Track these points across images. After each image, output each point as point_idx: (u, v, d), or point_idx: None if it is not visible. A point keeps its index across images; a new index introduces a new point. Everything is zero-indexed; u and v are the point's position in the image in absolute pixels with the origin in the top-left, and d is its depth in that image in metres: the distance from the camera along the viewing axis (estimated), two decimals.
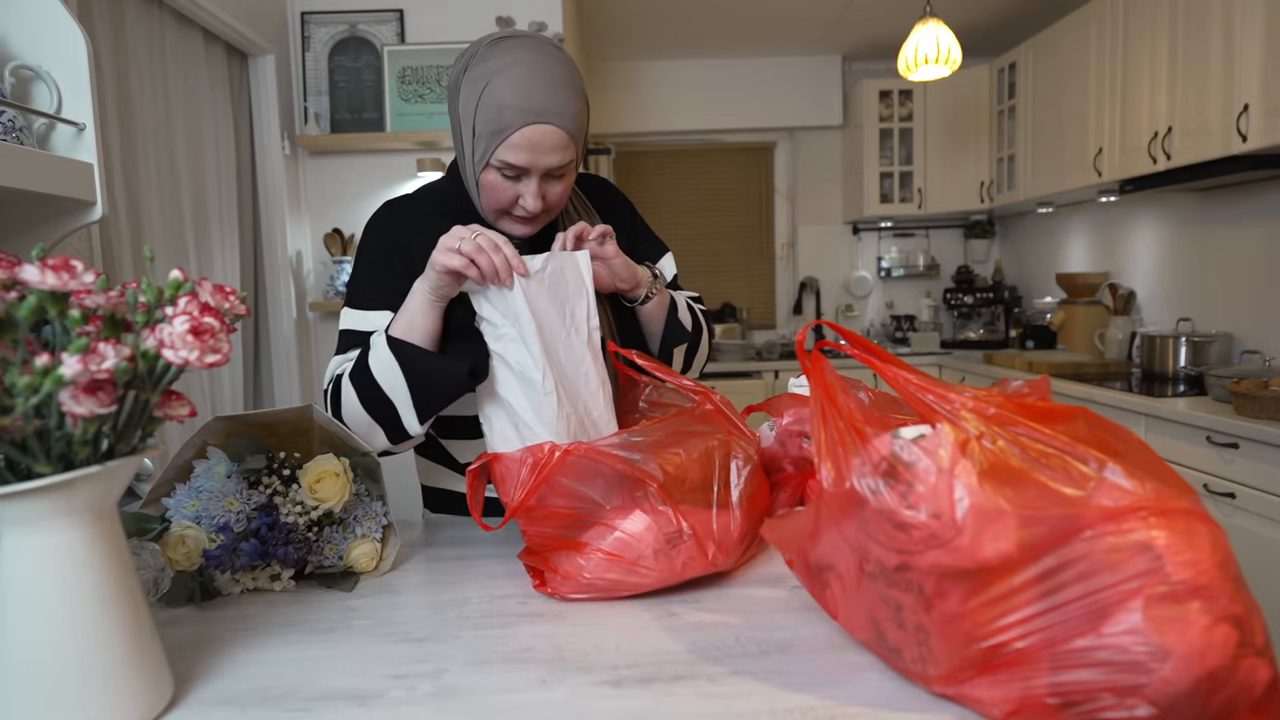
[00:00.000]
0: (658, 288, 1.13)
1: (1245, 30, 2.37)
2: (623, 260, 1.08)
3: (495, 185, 1.03)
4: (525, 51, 1.00)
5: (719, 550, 0.86)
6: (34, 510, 0.57)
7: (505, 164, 1.01)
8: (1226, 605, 0.51)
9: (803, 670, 0.69)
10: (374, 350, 1.00)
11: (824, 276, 4.73)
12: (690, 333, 1.18)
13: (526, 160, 1.00)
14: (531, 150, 0.99)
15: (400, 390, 0.98)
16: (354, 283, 1.13)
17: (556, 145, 1.00)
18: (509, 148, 0.99)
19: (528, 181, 1.03)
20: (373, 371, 0.99)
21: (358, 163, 2.74)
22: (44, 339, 0.59)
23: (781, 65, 4.51)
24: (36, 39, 1.08)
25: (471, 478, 0.92)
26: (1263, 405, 2.17)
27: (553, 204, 1.07)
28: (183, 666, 0.72)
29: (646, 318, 1.15)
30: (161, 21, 2.02)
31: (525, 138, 0.99)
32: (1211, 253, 3.02)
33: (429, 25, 2.71)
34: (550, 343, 0.97)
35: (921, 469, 0.59)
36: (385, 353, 0.99)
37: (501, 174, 1.02)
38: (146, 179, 1.94)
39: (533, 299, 0.96)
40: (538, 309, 0.96)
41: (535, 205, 1.03)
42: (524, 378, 0.95)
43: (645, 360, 1.02)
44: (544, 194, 1.04)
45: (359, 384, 1.00)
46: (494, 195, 1.04)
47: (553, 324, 0.98)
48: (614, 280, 1.09)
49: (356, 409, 1.00)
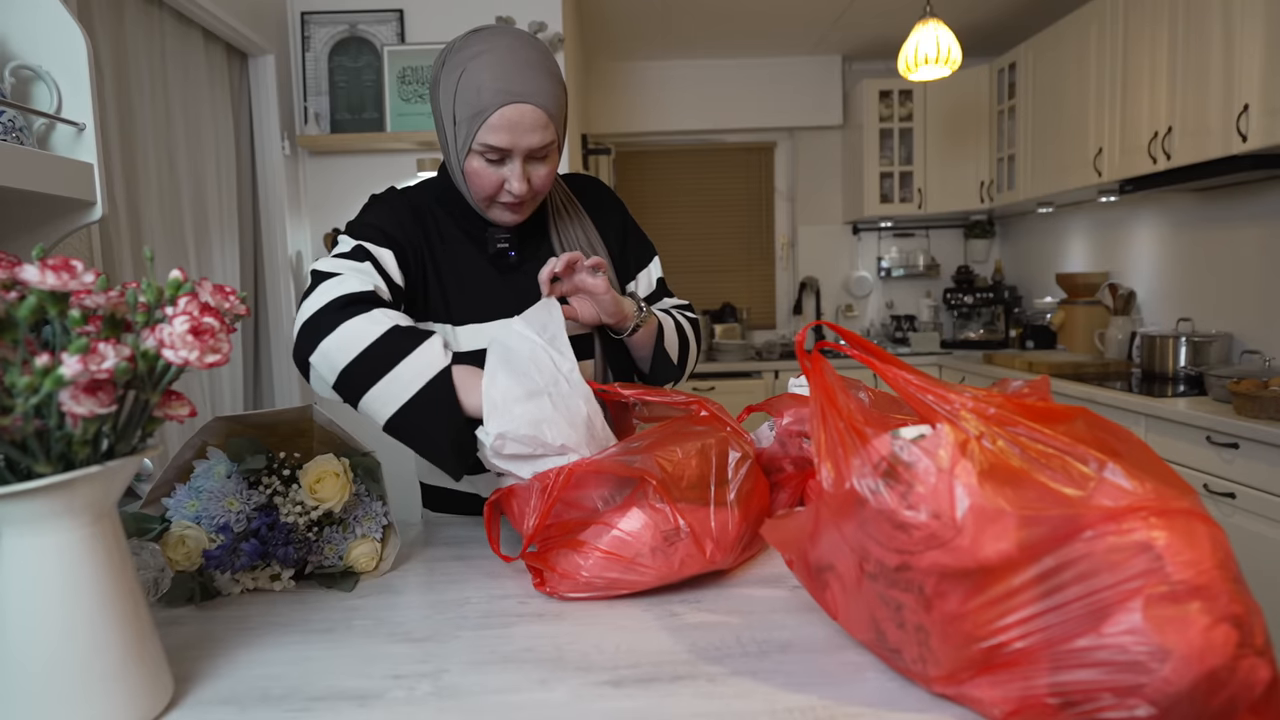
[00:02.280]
0: (643, 319, 1.14)
1: (1245, 30, 2.37)
2: (611, 296, 1.08)
3: (480, 172, 1.05)
4: (499, 38, 1.02)
5: (717, 548, 0.86)
6: (34, 510, 0.57)
7: (487, 147, 1.02)
8: (1226, 605, 0.51)
9: (803, 670, 0.69)
10: (429, 348, 0.95)
11: (824, 276, 4.73)
12: (676, 365, 1.20)
13: (507, 141, 1.01)
14: (511, 130, 1.01)
15: (395, 391, 0.94)
16: (360, 222, 1.09)
17: (536, 124, 1.02)
18: (489, 129, 1.01)
19: (511, 165, 1.04)
20: (409, 354, 0.94)
21: (358, 163, 2.74)
22: (44, 339, 0.59)
23: (781, 65, 4.51)
24: (36, 39, 1.08)
25: (488, 511, 0.93)
26: (1263, 405, 2.17)
27: (538, 187, 1.08)
28: (183, 666, 0.72)
29: (634, 346, 1.16)
30: (161, 21, 2.02)
31: (504, 118, 1.00)
32: (1211, 253, 3.02)
33: (429, 25, 2.71)
34: (536, 408, 0.92)
35: (921, 469, 0.59)
36: (431, 367, 0.94)
37: (485, 159, 1.04)
38: (146, 179, 1.94)
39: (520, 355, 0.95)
40: (503, 389, 0.93)
41: (520, 188, 1.04)
42: (527, 456, 0.92)
43: (630, 388, 1.02)
44: (528, 177, 1.05)
45: (389, 341, 0.94)
46: (480, 182, 1.06)
47: (531, 389, 0.93)
48: (600, 315, 1.10)
49: (355, 343, 0.94)
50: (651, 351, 1.17)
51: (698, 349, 1.28)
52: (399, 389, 0.94)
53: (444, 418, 0.94)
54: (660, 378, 1.19)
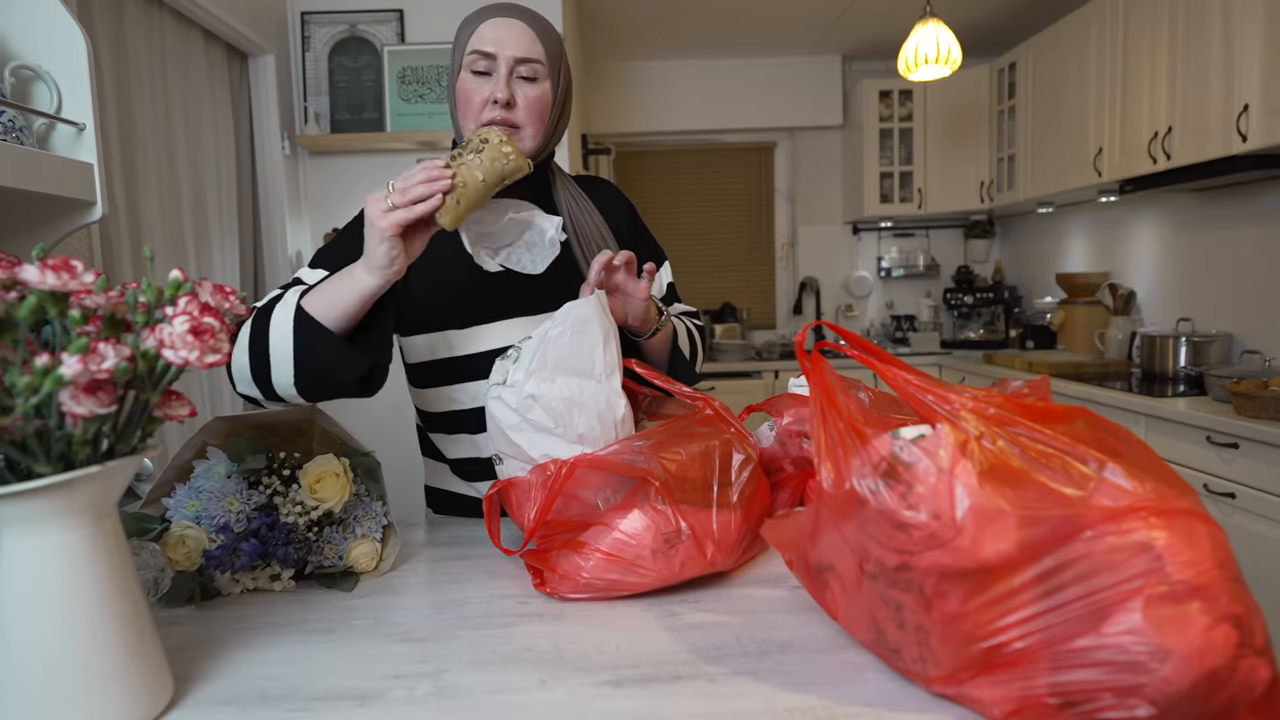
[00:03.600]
0: (663, 324, 1.15)
1: (1245, 30, 2.37)
2: (647, 304, 1.09)
3: (468, 89, 1.07)
4: None
5: (718, 550, 0.86)
6: (34, 510, 0.57)
7: (476, 54, 1.06)
8: (1226, 605, 0.51)
9: (803, 670, 0.69)
10: (280, 308, 0.94)
11: (824, 276, 4.73)
12: (688, 373, 1.22)
13: (492, 45, 1.05)
14: (497, 37, 1.06)
15: (283, 363, 0.93)
16: (325, 246, 1.12)
17: (521, 38, 1.06)
18: (477, 38, 1.06)
19: (497, 77, 1.06)
20: (270, 329, 0.93)
21: (358, 163, 2.74)
22: (44, 339, 0.59)
23: (781, 65, 4.51)
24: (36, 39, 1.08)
25: (488, 504, 0.93)
26: (1263, 405, 2.17)
27: (527, 111, 1.08)
28: (183, 666, 0.72)
29: (650, 350, 1.17)
30: (161, 21, 2.02)
31: (491, 27, 1.07)
32: (1211, 253, 3.02)
33: (429, 25, 2.71)
34: (576, 387, 0.92)
35: (921, 469, 0.59)
36: (287, 321, 0.93)
37: (472, 72, 1.07)
38: (146, 179, 1.94)
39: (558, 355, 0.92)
40: (560, 352, 0.92)
41: (504, 94, 1.05)
42: (545, 429, 0.92)
43: (644, 368, 1.02)
44: (514, 93, 1.07)
45: (255, 332, 0.94)
46: (467, 101, 1.07)
47: (578, 367, 0.93)
48: (628, 316, 1.10)
49: (241, 352, 0.94)
50: (666, 356, 1.18)
51: (703, 357, 1.30)
52: (282, 362, 0.92)
53: (324, 340, 0.91)
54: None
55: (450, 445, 1.17)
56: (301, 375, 0.92)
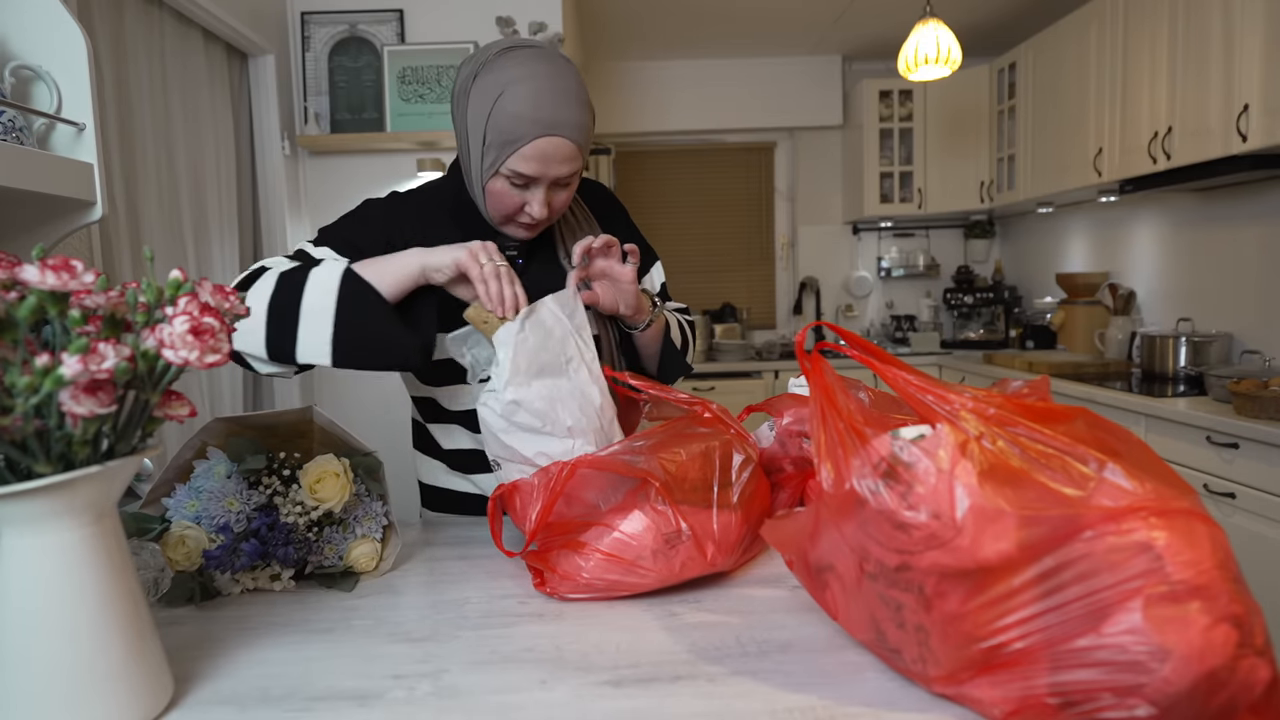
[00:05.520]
0: (656, 316, 1.16)
1: (1245, 30, 2.37)
2: (635, 289, 1.10)
3: (503, 193, 1.04)
4: (538, 64, 1.00)
5: (718, 550, 0.86)
6: (34, 510, 0.57)
7: (515, 173, 1.02)
8: (1226, 605, 0.51)
9: (803, 670, 0.69)
10: (322, 268, 0.97)
11: (824, 276, 4.73)
12: (681, 364, 1.23)
13: (537, 170, 1.01)
14: (542, 161, 1.01)
15: (319, 320, 0.95)
16: (329, 226, 1.12)
17: (567, 156, 1.02)
18: (520, 158, 1.00)
19: (535, 190, 1.04)
20: (306, 285, 0.95)
21: (358, 163, 2.74)
22: (44, 339, 0.59)
23: (781, 65, 4.51)
24: (36, 39, 1.08)
25: (492, 507, 0.94)
26: (1263, 405, 2.17)
27: (556, 211, 1.09)
28: (183, 666, 0.72)
29: (641, 342, 1.18)
30: (161, 21, 2.02)
31: (537, 149, 1.00)
32: (1211, 253, 3.02)
33: (429, 25, 2.71)
34: (552, 386, 0.96)
35: (921, 469, 0.59)
36: (333, 279, 0.95)
37: (510, 182, 1.03)
38: (146, 179, 1.94)
39: (527, 351, 0.96)
40: (530, 357, 0.96)
41: (541, 213, 1.05)
42: (534, 429, 0.95)
43: (639, 380, 1.03)
44: (549, 201, 1.06)
45: (283, 286, 0.96)
46: (501, 202, 1.06)
47: (551, 366, 0.97)
48: (619, 304, 1.10)
49: (259, 305, 0.95)
50: (659, 349, 1.19)
51: (693, 350, 1.31)
52: (318, 319, 0.95)
53: (378, 310, 0.96)
54: (669, 376, 1.21)
55: (446, 436, 1.18)
56: (343, 334, 0.95)
